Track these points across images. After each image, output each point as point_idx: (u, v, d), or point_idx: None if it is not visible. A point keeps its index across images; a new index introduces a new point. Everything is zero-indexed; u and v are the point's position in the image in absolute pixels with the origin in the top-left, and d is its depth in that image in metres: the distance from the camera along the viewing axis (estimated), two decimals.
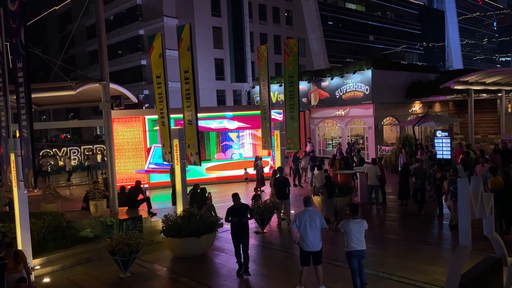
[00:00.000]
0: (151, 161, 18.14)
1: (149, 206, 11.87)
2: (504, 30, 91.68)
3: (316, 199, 12.11)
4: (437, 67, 29.67)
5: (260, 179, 16.42)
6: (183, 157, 10.84)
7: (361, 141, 25.65)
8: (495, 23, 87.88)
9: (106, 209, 10.48)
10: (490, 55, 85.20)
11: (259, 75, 13.93)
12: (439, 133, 20.11)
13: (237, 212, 7.94)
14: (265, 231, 11.08)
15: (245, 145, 19.92)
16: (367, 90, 23.42)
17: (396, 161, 19.03)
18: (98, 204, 10.16)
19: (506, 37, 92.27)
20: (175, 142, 10.86)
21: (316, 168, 13.37)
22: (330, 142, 27.45)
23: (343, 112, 25.25)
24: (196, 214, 9.52)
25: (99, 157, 22.95)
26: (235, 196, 8.17)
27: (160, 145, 17.95)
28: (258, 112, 19.95)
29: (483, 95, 25.83)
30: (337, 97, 25.32)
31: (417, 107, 26.03)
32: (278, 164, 13.35)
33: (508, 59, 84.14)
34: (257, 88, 31.40)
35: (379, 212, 12.48)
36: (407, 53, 61.44)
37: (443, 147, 18.78)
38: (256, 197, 11.71)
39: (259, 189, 13.65)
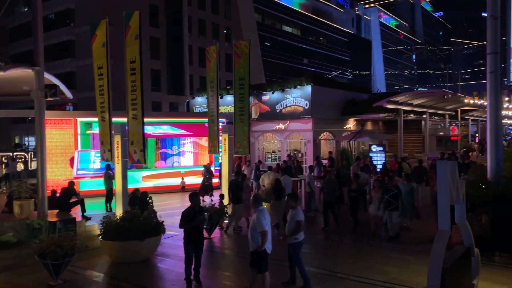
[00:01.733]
0: (78, 167, 16.65)
1: (83, 209, 10.73)
2: (421, 63, 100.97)
3: (265, 204, 11.80)
4: (369, 88, 31.43)
5: (202, 187, 15.80)
6: (125, 155, 9.98)
7: (300, 155, 26.03)
8: (414, 56, 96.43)
9: (33, 211, 9.22)
10: (411, 85, 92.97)
11: (207, 77, 13.53)
12: (374, 148, 21.07)
13: (195, 216, 6.84)
14: (211, 236, 10.50)
15: (186, 154, 19.18)
16: (306, 105, 23.94)
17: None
18: (24, 204, 8.89)
19: (424, 70, 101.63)
20: (117, 138, 9.99)
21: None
22: (269, 156, 27.55)
23: (283, 126, 25.50)
24: (139, 215, 8.72)
25: (20, 165, 20.69)
26: (194, 197, 7.08)
27: (85, 150, 16.63)
28: (201, 120, 19.47)
29: (411, 115, 27.71)
30: (278, 111, 25.57)
31: (351, 124, 27.15)
32: (225, 169, 12.90)
33: (426, 89, 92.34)
34: (197, 99, 30.79)
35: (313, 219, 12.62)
36: (338, 78, 64.93)
37: (377, 161, 19.60)
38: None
39: (205, 196, 13.07)
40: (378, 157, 19.94)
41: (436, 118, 32.84)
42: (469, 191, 10.00)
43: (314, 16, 62.27)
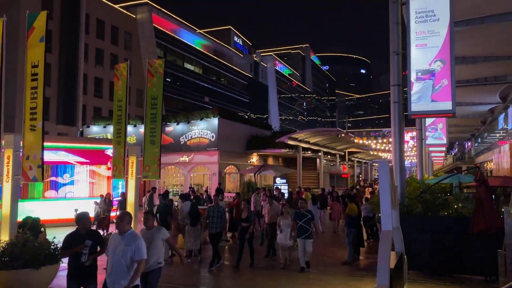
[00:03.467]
0: None
1: None
2: (311, 111, 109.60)
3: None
4: (271, 126, 32.82)
5: (97, 220, 14.31)
6: (17, 171, 8.55)
7: (204, 188, 25.54)
8: (304, 103, 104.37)
9: None
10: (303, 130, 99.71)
11: (115, 95, 12.64)
12: (278, 180, 21.75)
13: (82, 242, 5.31)
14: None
15: (81, 183, 17.34)
16: (213, 137, 23.91)
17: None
18: None
19: (313, 117, 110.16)
20: (7, 152, 8.55)
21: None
22: (171, 190, 26.46)
23: (187, 159, 24.96)
24: (33, 240, 7.38)
25: None
26: (81, 219, 5.49)
27: None
28: (100, 146, 17.98)
29: (308, 152, 29.48)
30: (182, 143, 25.05)
31: (254, 158, 27.79)
32: (131, 195, 11.86)
33: (323, 128, 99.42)
34: (92, 128, 28.67)
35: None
36: None
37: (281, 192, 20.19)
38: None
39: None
40: (282, 189, 20.53)
41: (329, 156, 35.46)
42: (377, 210, 10.69)
43: (215, 57, 64.06)
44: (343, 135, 26.30)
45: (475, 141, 48.23)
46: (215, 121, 24.01)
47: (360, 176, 54.00)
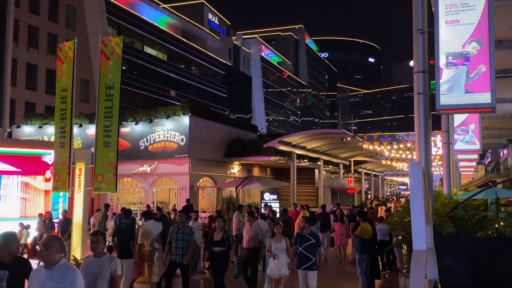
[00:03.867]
0: None
1: None
2: (306, 110, 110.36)
3: None
4: (256, 127, 32.86)
5: (34, 247, 14.05)
6: None
7: (171, 207, 25.35)
8: (298, 100, 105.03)
9: None
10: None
11: (57, 83, 12.46)
12: (267, 196, 21.77)
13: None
14: None
15: (9, 198, 16.97)
16: (182, 140, 23.81)
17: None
18: None
19: (308, 117, 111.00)
20: None
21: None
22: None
23: (148, 169, 24.79)
24: None
25: None
26: (6, 239, 5.23)
27: None
28: (37, 151, 17.62)
29: (305, 161, 29.58)
30: (142, 148, 24.88)
31: (236, 169, 27.72)
32: (78, 213, 11.64)
33: (323, 129, 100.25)
34: (24, 128, 28.25)
35: None
36: None
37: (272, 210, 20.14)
38: None
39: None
40: (273, 207, 20.52)
41: (330, 167, 35.68)
42: (396, 232, 10.76)
43: (184, 40, 63.95)
44: (349, 138, 26.51)
45: None
46: (185, 119, 23.93)
47: (369, 192, 54.55)
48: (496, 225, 9.31)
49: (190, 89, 62.68)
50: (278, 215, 17.49)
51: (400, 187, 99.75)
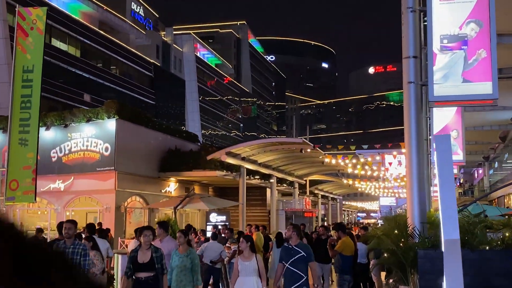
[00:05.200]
0: None
1: None
2: (249, 122, 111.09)
3: None
4: (197, 136, 32.64)
5: None
6: None
7: (83, 236, 24.64)
8: (241, 111, 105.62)
9: None
10: None
11: (18, 62, 11.82)
12: (213, 217, 21.68)
13: None
14: None
15: None
16: (107, 149, 23.33)
17: None
18: None
19: (252, 131, 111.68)
20: None
21: None
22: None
23: (62, 185, 24.09)
24: None
25: None
26: None
27: None
28: None
29: (256, 178, 29.70)
30: (54, 159, 24.19)
31: (172, 186, 27.43)
32: None
33: (282, 138, 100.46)
34: None
35: None
36: None
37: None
38: None
39: None
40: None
41: (284, 186, 35.99)
42: (385, 246, 10.91)
43: (102, 32, 62.99)
44: (309, 150, 26.77)
45: (490, 166, 51.55)
46: (111, 124, 23.44)
47: (326, 219, 55.34)
48: (501, 236, 9.61)
49: (109, 93, 61.51)
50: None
51: (359, 214, 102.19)
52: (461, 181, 65.35)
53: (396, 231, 10.52)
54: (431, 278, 8.86)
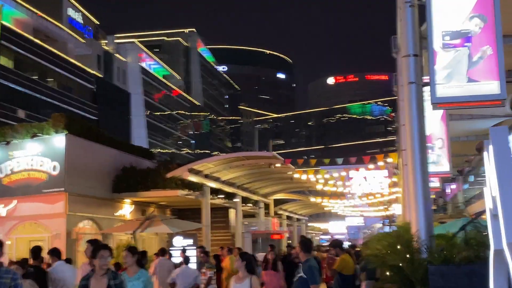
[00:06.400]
0: None
1: None
2: (202, 138, 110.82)
3: None
4: (152, 152, 32.30)
5: None
6: None
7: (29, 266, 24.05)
8: (193, 127, 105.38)
9: None
10: None
11: None
12: (177, 240, 21.54)
13: None
14: None
15: None
16: (55, 169, 22.80)
17: None
18: None
19: (203, 149, 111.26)
20: None
21: None
22: None
23: (4, 210, 23.40)
24: None
25: None
26: None
27: None
28: None
29: (220, 197, 29.56)
30: None
31: (127, 209, 27.05)
32: None
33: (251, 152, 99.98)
34: None
35: None
36: None
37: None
38: None
39: None
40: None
41: (250, 206, 35.92)
42: (390, 263, 10.85)
43: (37, 41, 61.96)
44: (278, 165, 26.83)
45: (464, 181, 52.50)
46: (59, 140, 22.86)
47: (290, 242, 55.37)
48: None
49: (46, 108, 60.37)
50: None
51: (322, 237, 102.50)
52: (433, 197, 66.49)
53: (398, 247, 10.48)
54: None
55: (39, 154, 23.13)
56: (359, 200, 45.64)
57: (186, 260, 15.09)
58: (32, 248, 11.65)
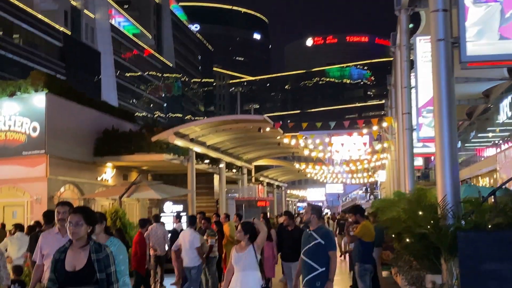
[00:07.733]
0: None
1: None
2: (173, 101, 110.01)
3: None
4: (133, 114, 31.97)
5: None
6: None
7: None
8: (164, 89, 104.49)
9: None
10: None
11: None
12: (168, 207, 21.50)
13: None
14: None
15: None
16: (35, 130, 22.58)
17: None
18: None
19: (176, 113, 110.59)
20: None
21: None
22: None
23: None
24: None
25: None
26: None
27: None
28: None
29: (205, 162, 29.47)
30: None
31: (109, 173, 26.93)
32: None
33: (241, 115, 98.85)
34: None
35: None
36: None
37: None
38: None
39: None
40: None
41: (233, 172, 35.93)
42: (414, 230, 10.84)
43: None
44: (268, 129, 26.65)
45: None
46: (39, 99, 22.60)
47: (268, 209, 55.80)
48: None
49: (12, 67, 59.62)
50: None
51: (298, 204, 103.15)
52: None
53: (420, 213, 10.43)
54: (473, 264, 8.77)
55: (17, 114, 22.83)
56: (345, 166, 45.94)
57: (193, 220, 14.82)
58: (45, 213, 11.14)
